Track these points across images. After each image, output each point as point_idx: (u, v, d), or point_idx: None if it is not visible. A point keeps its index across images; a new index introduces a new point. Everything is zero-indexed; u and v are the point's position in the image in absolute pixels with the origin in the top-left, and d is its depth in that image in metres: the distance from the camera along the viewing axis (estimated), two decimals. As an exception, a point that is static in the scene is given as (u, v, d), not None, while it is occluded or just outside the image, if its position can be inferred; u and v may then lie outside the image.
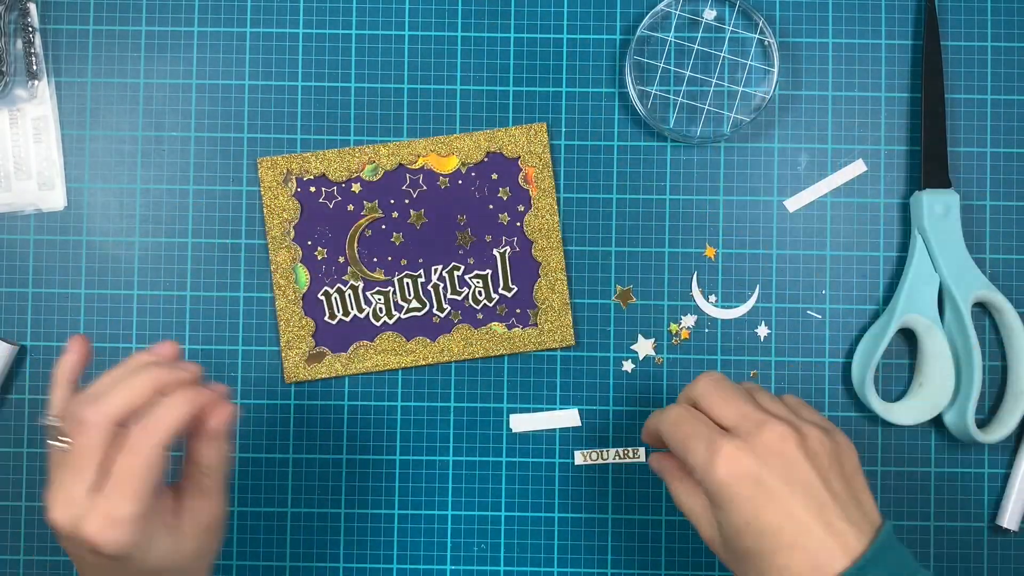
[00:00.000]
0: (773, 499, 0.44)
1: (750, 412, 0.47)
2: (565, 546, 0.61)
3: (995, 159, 0.62)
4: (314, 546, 0.61)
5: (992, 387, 0.62)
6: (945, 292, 0.60)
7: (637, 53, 0.61)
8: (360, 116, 0.62)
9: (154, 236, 0.62)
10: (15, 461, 0.61)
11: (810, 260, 0.62)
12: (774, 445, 0.45)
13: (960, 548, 0.61)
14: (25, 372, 0.61)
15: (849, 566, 0.43)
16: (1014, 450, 0.61)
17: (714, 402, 0.48)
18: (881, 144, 0.62)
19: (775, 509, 0.44)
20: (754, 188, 0.62)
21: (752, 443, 0.45)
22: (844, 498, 0.45)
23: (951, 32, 0.62)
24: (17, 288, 0.61)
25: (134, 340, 0.61)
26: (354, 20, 0.62)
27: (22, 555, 0.61)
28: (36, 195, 0.61)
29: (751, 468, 0.45)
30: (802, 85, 0.62)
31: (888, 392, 0.62)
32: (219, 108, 0.62)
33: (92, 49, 0.62)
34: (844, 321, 0.61)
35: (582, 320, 0.61)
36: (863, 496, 0.46)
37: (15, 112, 0.61)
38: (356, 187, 0.61)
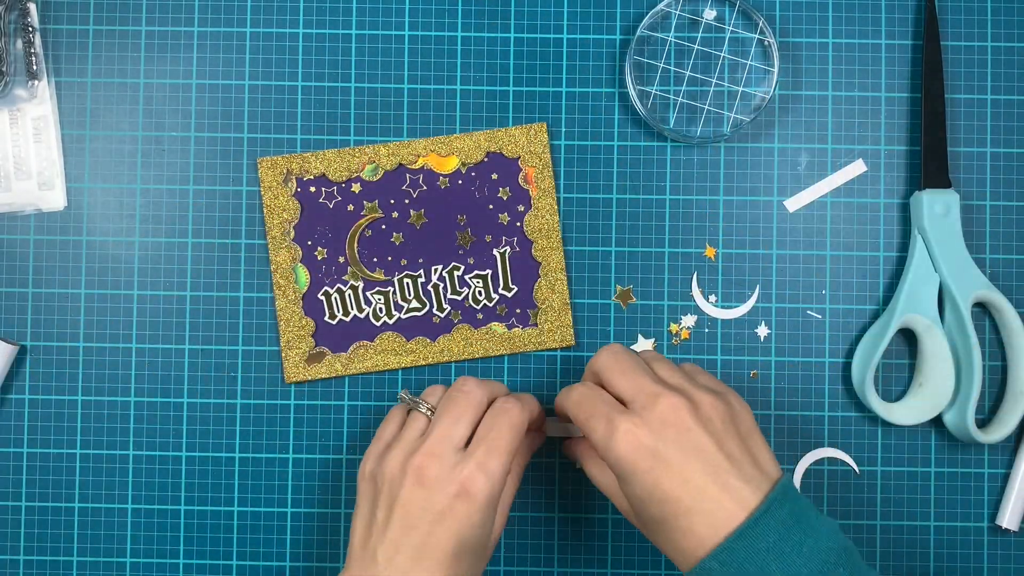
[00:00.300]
0: (670, 469, 0.47)
1: (645, 385, 0.49)
2: (565, 546, 0.61)
3: (995, 159, 0.62)
4: (314, 546, 0.61)
5: (992, 387, 0.62)
6: (945, 292, 0.60)
7: (637, 53, 0.61)
8: (360, 116, 0.62)
9: (154, 236, 0.62)
10: (15, 461, 0.61)
11: (810, 260, 0.62)
12: (668, 416, 0.48)
13: (960, 548, 0.61)
14: (25, 372, 0.61)
15: (745, 519, 0.45)
16: (1014, 450, 0.61)
17: (613, 376, 0.51)
18: (881, 144, 0.62)
19: (672, 477, 0.47)
20: (754, 188, 0.62)
21: (647, 417, 0.48)
22: (740, 458, 0.47)
23: (951, 32, 0.62)
24: (17, 288, 0.61)
25: (134, 340, 0.61)
26: (354, 20, 0.62)
27: (22, 555, 0.61)
28: (36, 195, 0.61)
29: (647, 442, 0.47)
30: (802, 85, 0.62)
31: (888, 392, 0.62)
32: (219, 108, 0.62)
33: (92, 49, 0.62)
34: (844, 321, 0.61)
35: (582, 320, 0.61)
36: (760, 454, 0.49)
37: (15, 112, 0.61)
38: (356, 187, 0.61)
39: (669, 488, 0.47)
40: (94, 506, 0.61)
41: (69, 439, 0.61)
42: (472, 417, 0.52)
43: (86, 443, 0.61)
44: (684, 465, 0.47)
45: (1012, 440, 0.61)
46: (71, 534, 0.61)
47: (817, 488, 0.61)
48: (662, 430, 0.47)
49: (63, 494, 0.61)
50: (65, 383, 0.61)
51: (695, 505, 0.46)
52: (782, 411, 0.61)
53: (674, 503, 0.47)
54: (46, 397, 0.61)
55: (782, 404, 0.61)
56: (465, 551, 0.49)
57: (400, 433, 0.53)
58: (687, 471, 0.47)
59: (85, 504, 0.61)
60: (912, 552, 0.61)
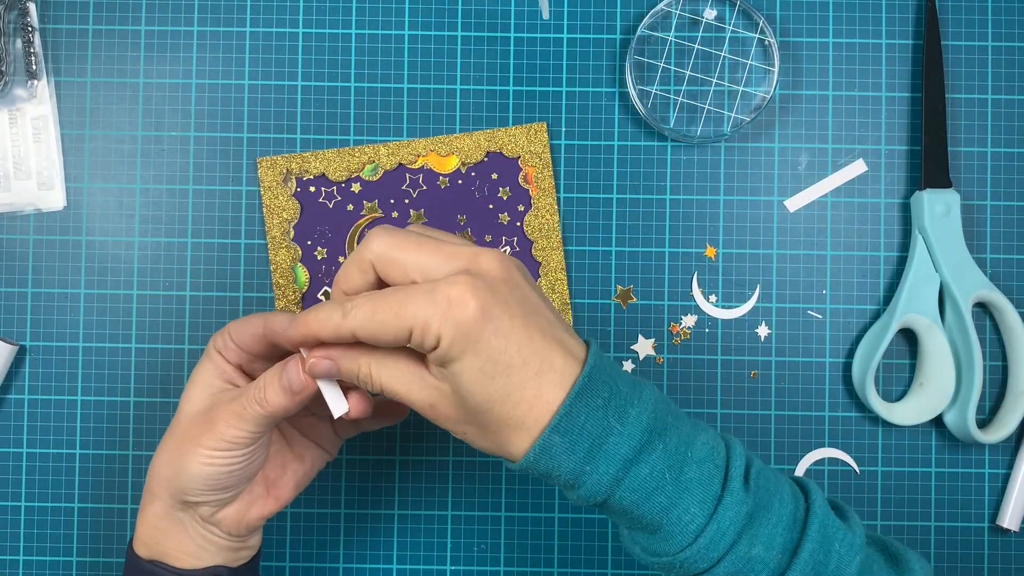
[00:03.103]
0: (514, 329, 0.41)
1: (455, 248, 0.42)
2: (565, 546, 0.61)
3: (996, 159, 0.62)
4: (314, 546, 0.61)
5: (993, 387, 0.62)
6: (946, 292, 0.60)
7: (637, 53, 0.61)
8: (360, 116, 0.62)
9: (154, 236, 0.62)
10: (15, 461, 0.61)
11: (810, 260, 0.62)
12: (497, 272, 0.42)
13: (960, 548, 0.61)
14: (25, 372, 0.61)
15: (581, 371, 0.42)
16: (1014, 450, 0.61)
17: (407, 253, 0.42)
18: (882, 144, 0.62)
19: (519, 338, 0.41)
20: (754, 188, 0.62)
21: (477, 276, 0.41)
22: (554, 311, 0.44)
23: (951, 32, 0.62)
24: (17, 288, 0.61)
25: (134, 340, 0.61)
26: (354, 20, 0.62)
27: (22, 555, 0.61)
28: (36, 195, 0.61)
29: (486, 301, 0.40)
30: (802, 85, 0.62)
31: (889, 392, 0.62)
32: (219, 108, 0.62)
33: (92, 49, 0.62)
34: (844, 321, 0.61)
35: (582, 320, 0.61)
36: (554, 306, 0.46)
37: (15, 112, 0.61)
38: (356, 187, 0.61)
39: (517, 351, 0.41)
40: (94, 506, 0.61)
41: (69, 439, 0.61)
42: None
43: (85, 443, 0.61)
44: (526, 322, 0.41)
45: (1012, 440, 0.61)
46: (71, 534, 0.61)
47: (817, 488, 0.61)
48: (497, 286, 0.41)
49: (63, 494, 0.61)
50: (65, 383, 0.61)
51: (543, 367, 0.41)
52: (782, 411, 0.61)
53: (520, 368, 0.41)
54: (46, 397, 0.61)
55: (782, 404, 0.61)
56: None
57: None
58: (530, 329, 0.41)
59: (85, 504, 0.61)
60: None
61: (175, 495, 0.47)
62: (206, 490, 0.47)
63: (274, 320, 0.48)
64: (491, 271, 0.42)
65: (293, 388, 0.45)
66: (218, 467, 0.46)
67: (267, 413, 0.45)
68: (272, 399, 0.45)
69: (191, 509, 0.48)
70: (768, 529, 0.43)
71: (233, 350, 0.49)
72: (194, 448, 0.46)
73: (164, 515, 0.48)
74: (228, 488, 0.48)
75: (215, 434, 0.46)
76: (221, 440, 0.46)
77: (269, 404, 0.45)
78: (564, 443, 0.41)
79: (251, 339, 0.48)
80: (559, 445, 0.41)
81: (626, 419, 0.42)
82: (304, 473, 0.52)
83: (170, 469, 0.47)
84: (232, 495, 0.48)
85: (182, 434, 0.47)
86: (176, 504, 0.48)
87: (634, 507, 0.42)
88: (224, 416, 0.46)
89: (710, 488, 0.42)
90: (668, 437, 0.42)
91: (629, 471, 0.42)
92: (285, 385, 0.45)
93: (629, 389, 0.43)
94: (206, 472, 0.46)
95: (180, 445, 0.47)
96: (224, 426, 0.46)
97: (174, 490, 0.47)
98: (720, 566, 0.42)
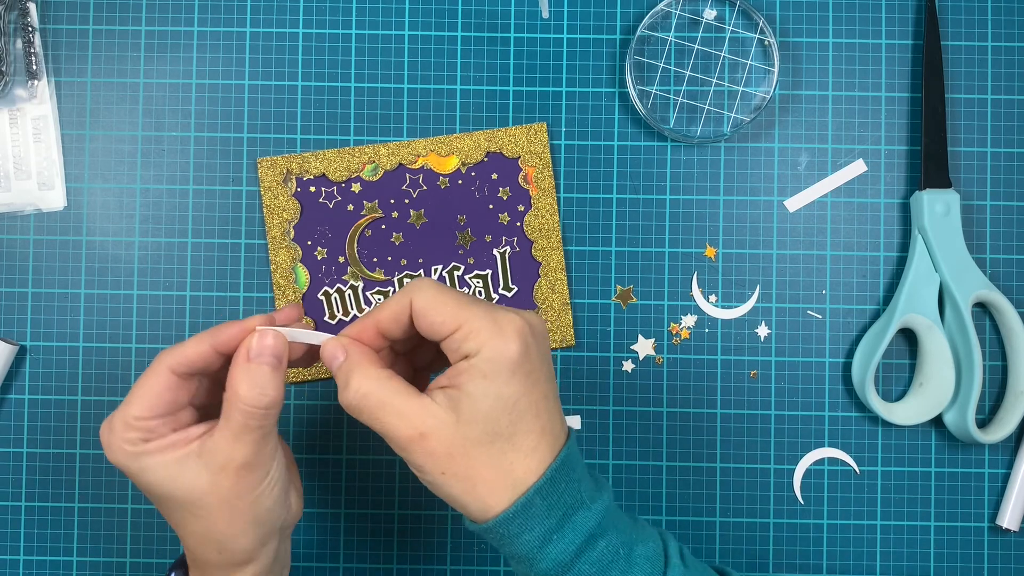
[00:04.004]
0: (540, 383, 0.44)
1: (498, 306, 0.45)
2: (565, 546, 0.61)
3: (995, 159, 0.62)
4: (314, 546, 0.61)
5: (992, 387, 0.62)
6: (945, 292, 0.60)
7: (637, 53, 0.61)
8: (360, 116, 0.62)
9: (154, 236, 0.62)
10: (15, 461, 0.61)
11: (810, 260, 0.62)
12: (541, 330, 0.45)
13: (960, 548, 0.61)
14: (25, 372, 0.61)
15: (565, 440, 0.45)
16: (1014, 450, 0.61)
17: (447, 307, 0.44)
18: (881, 144, 0.62)
19: (541, 393, 0.44)
20: (754, 188, 0.62)
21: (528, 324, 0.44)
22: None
23: (951, 32, 0.62)
24: (17, 288, 0.61)
25: (134, 340, 0.61)
26: (354, 20, 0.62)
27: (22, 555, 0.61)
28: (36, 195, 0.61)
29: (531, 347, 0.43)
30: (802, 85, 0.62)
31: (888, 392, 0.62)
32: (219, 108, 0.62)
33: (92, 49, 0.62)
34: (844, 321, 0.61)
35: (582, 320, 0.61)
36: None
37: (15, 112, 0.61)
38: (356, 187, 0.61)
39: (534, 402, 0.44)
40: (94, 506, 0.61)
41: (69, 439, 0.61)
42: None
43: (86, 443, 0.61)
44: (550, 381, 0.45)
45: (1012, 440, 0.61)
46: (71, 534, 0.61)
47: (817, 488, 0.61)
48: (540, 339, 0.45)
49: (63, 494, 0.61)
50: (65, 383, 0.61)
51: (548, 425, 0.44)
52: (782, 411, 0.61)
53: (532, 419, 0.44)
54: (46, 397, 0.61)
55: (782, 404, 0.61)
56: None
57: None
58: (550, 388, 0.45)
59: (85, 504, 0.61)
60: (912, 552, 0.61)
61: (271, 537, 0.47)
62: (285, 505, 0.47)
63: (222, 333, 0.45)
64: (534, 323, 0.45)
65: (276, 353, 0.44)
66: (280, 480, 0.46)
67: (274, 407, 0.44)
68: (269, 389, 0.44)
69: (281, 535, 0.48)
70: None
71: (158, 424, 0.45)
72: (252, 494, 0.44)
73: (264, 570, 0.47)
74: (286, 490, 0.47)
75: (257, 468, 0.44)
76: (265, 464, 0.45)
77: (269, 395, 0.44)
78: (543, 507, 0.43)
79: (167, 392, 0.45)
80: (538, 507, 0.43)
81: (593, 498, 0.45)
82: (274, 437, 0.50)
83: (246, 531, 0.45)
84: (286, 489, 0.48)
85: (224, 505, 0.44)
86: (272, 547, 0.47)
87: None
88: (246, 450, 0.44)
89: (656, 564, 0.45)
90: (618, 522, 0.46)
91: (591, 544, 0.44)
92: (269, 356, 0.44)
93: (594, 476, 0.47)
94: (278, 493, 0.46)
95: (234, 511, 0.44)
96: (257, 454, 0.44)
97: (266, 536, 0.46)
98: None
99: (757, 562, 0.61)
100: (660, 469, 0.61)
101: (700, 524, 0.61)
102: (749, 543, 0.61)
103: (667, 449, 0.61)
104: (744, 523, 0.61)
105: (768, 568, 0.61)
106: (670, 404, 0.61)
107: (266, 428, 0.44)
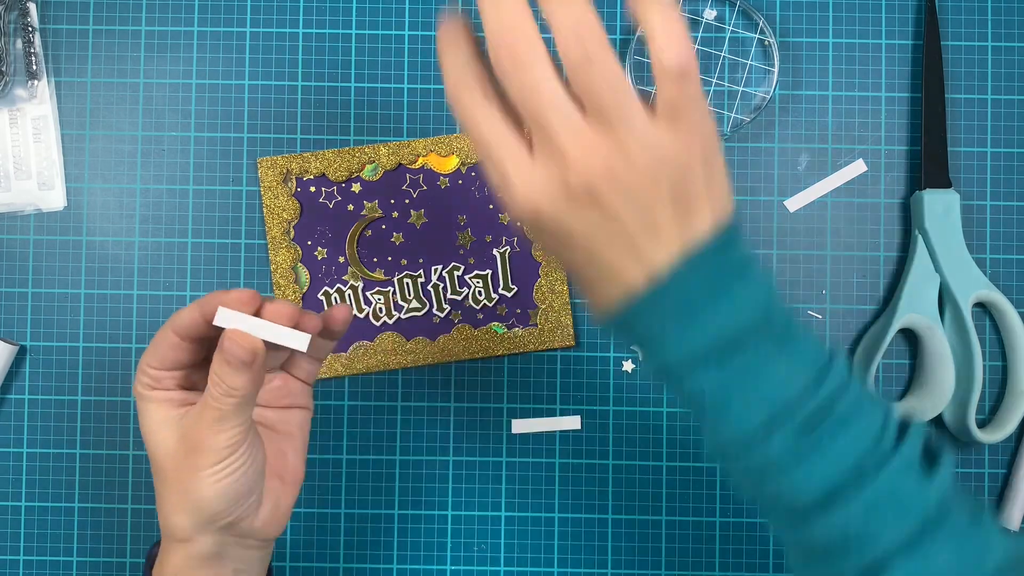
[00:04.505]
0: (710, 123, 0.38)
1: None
2: (565, 546, 0.61)
3: (995, 159, 0.62)
4: (314, 546, 0.61)
5: (992, 387, 0.62)
6: (945, 292, 0.60)
7: (638, 53, 0.61)
8: (360, 116, 0.62)
9: (154, 236, 0.62)
10: (15, 461, 0.61)
11: (810, 260, 0.62)
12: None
13: (960, 548, 0.61)
14: (25, 372, 0.61)
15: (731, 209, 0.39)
16: (1014, 450, 0.61)
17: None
18: (881, 144, 0.62)
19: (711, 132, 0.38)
20: (754, 188, 0.62)
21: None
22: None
23: (951, 32, 0.62)
24: (17, 288, 0.61)
25: (134, 340, 0.61)
26: (354, 20, 0.62)
27: (22, 555, 0.61)
28: (36, 195, 0.61)
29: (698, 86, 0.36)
30: (802, 85, 0.62)
31: (889, 392, 0.62)
32: (219, 108, 0.62)
33: (92, 49, 0.62)
34: (844, 321, 0.61)
35: (582, 320, 0.61)
36: None
37: (15, 112, 0.61)
38: (356, 187, 0.61)
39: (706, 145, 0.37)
40: (94, 506, 0.61)
41: (69, 439, 0.61)
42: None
43: (85, 443, 0.61)
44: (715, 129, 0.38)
45: (1013, 440, 0.61)
46: (71, 534, 0.61)
47: (817, 488, 0.61)
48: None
49: (63, 494, 0.61)
50: (65, 383, 0.61)
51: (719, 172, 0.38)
52: (782, 411, 0.61)
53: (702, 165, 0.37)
54: (46, 397, 0.61)
55: (782, 404, 0.61)
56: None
57: None
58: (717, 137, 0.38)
59: (85, 504, 0.61)
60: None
61: (207, 529, 0.46)
62: (232, 504, 0.45)
63: (180, 319, 0.45)
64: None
65: (243, 358, 0.43)
66: (230, 477, 0.45)
67: (239, 399, 0.43)
68: (237, 382, 0.43)
69: (228, 535, 0.46)
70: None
71: (165, 376, 0.46)
72: (196, 476, 0.44)
73: (197, 556, 0.46)
74: (250, 492, 0.46)
75: (207, 452, 0.44)
76: (216, 452, 0.44)
77: (237, 389, 0.43)
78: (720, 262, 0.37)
79: (172, 353, 0.46)
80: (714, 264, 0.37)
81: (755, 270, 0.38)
82: (301, 442, 0.50)
83: (187, 509, 0.45)
84: (257, 498, 0.47)
85: (175, 474, 0.45)
86: (212, 541, 0.46)
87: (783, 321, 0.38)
88: (204, 431, 0.44)
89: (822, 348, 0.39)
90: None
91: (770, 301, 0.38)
92: (233, 361, 0.43)
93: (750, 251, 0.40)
94: (223, 488, 0.45)
95: (181, 484, 0.45)
96: (211, 439, 0.44)
97: (202, 524, 0.45)
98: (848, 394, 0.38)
99: (757, 562, 0.61)
100: (660, 469, 0.61)
101: (700, 524, 0.61)
102: (749, 543, 0.61)
103: (667, 449, 0.61)
104: (744, 523, 0.61)
105: (768, 568, 0.61)
106: (670, 404, 0.61)
107: (234, 420, 0.44)
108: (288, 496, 0.49)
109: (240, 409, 0.44)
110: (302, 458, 0.50)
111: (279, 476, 0.49)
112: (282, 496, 0.48)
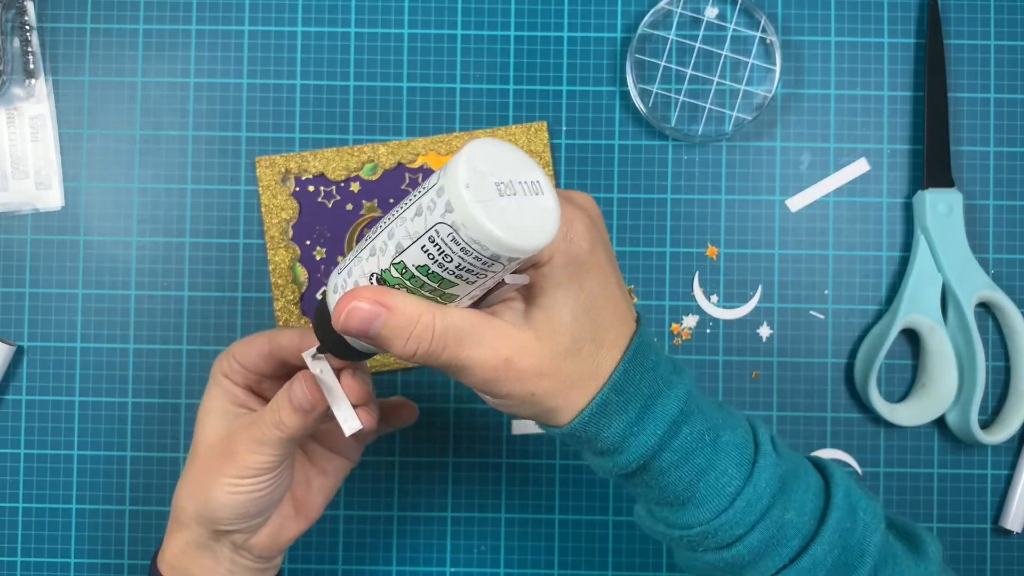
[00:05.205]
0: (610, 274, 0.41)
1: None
2: (565, 547, 0.61)
3: (998, 158, 0.62)
4: (313, 547, 0.61)
5: (995, 388, 0.61)
6: (948, 292, 0.60)
7: (638, 51, 0.61)
8: (359, 115, 0.61)
9: (152, 236, 0.61)
10: (12, 462, 0.61)
11: (812, 260, 0.61)
12: (595, 212, 0.41)
13: (963, 549, 0.61)
14: (22, 372, 0.61)
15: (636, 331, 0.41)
16: (1017, 451, 0.61)
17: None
18: (884, 143, 0.62)
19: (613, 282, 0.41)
20: (756, 187, 0.62)
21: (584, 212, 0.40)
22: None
23: (954, 31, 0.62)
24: (14, 288, 0.61)
25: (131, 340, 0.61)
26: (353, 18, 0.62)
27: (19, 556, 0.61)
28: (33, 194, 0.61)
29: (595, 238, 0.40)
30: (804, 84, 0.62)
31: (891, 393, 0.61)
32: (217, 107, 0.62)
33: (90, 47, 0.62)
34: (847, 321, 0.61)
35: (583, 320, 0.61)
36: None
37: (12, 111, 0.61)
38: (355, 186, 0.61)
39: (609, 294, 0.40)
40: (92, 507, 0.61)
41: (66, 440, 0.61)
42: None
43: (83, 444, 0.61)
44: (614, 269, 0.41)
45: (1015, 441, 0.61)
46: (68, 535, 0.61)
47: (819, 489, 0.61)
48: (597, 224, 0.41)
49: (60, 495, 0.61)
50: (62, 383, 0.61)
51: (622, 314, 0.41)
52: (784, 412, 0.61)
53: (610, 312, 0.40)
54: (43, 398, 0.61)
55: (784, 405, 0.61)
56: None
57: None
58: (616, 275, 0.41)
59: (83, 505, 0.61)
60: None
61: (205, 525, 0.47)
62: (236, 519, 0.46)
63: (281, 337, 0.47)
64: (589, 208, 0.41)
65: (303, 407, 0.44)
66: (246, 495, 0.45)
67: (286, 436, 0.44)
68: (288, 421, 0.44)
69: (223, 537, 0.47)
70: (799, 494, 0.42)
71: (239, 372, 0.48)
72: (217, 479, 0.45)
73: (194, 543, 0.47)
74: (259, 514, 0.47)
75: (237, 463, 0.45)
76: (245, 468, 0.45)
77: (287, 427, 0.44)
78: (620, 401, 0.40)
79: (257, 359, 0.47)
80: (615, 403, 0.40)
81: (671, 383, 0.41)
82: (331, 486, 0.51)
83: (196, 501, 0.46)
84: (263, 520, 0.47)
85: (203, 465, 0.46)
86: (207, 534, 0.47)
87: (672, 469, 0.41)
88: (244, 444, 0.45)
89: (745, 452, 0.42)
90: (702, 407, 0.42)
91: (674, 433, 0.41)
92: (294, 402, 0.44)
93: (668, 357, 0.43)
94: (234, 501, 0.45)
95: (203, 476, 0.46)
96: (245, 454, 0.45)
97: (203, 520, 0.46)
98: (754, 532, 0.41)
99: (758, 563, 0.61)
100: (661, 470, 0.61)
101: (701, 525, 0.61)
102: (750, 544, 0.61)
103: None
104: (745, 524, 0.61)
105: (769, 569, 0.61)
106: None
107: (274, 448, 0.45)
108: (293, 529, 0.49)
109: (282, 444, 0.45)
110: (324, 499, 0.51)
111: (295, 505, 0.49)
112: (288, 526, 0.49)
